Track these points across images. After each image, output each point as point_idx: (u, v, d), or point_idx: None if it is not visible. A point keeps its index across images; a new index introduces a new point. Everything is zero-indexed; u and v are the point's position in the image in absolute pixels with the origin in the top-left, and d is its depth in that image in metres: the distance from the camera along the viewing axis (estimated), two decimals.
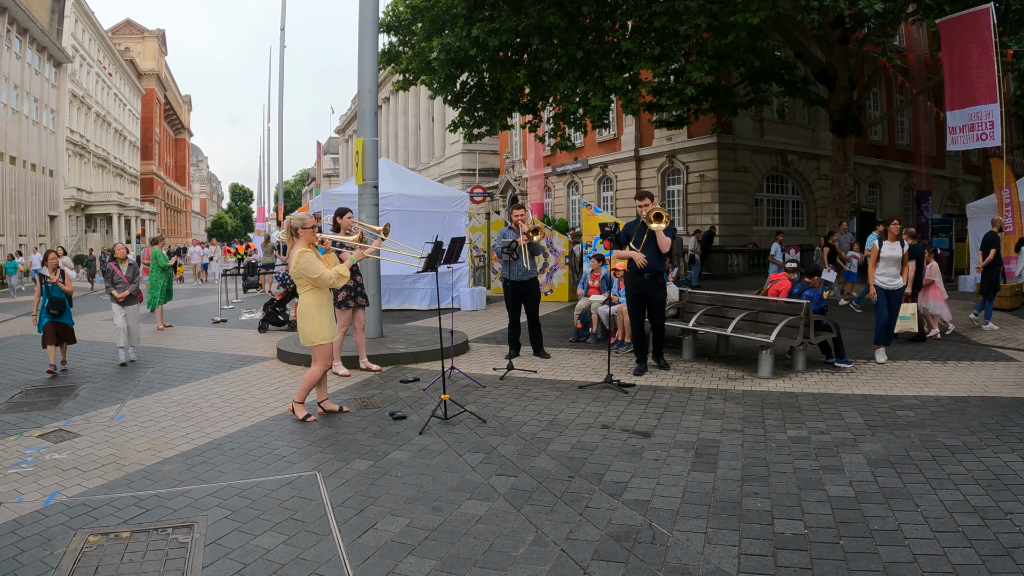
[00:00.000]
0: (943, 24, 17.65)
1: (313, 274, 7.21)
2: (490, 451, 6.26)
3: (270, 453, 6.29)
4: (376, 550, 4.33)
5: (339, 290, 9.62)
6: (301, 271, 7.23)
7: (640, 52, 18.03)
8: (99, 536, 4.57)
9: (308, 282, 7.31)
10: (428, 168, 54.70)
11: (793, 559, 4.15)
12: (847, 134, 21.54)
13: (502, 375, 9.59)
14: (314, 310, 7.37)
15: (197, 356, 11.67)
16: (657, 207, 9.23)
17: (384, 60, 22.28)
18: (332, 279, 7.32)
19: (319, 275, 7.22)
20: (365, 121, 11.80)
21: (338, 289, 9.63)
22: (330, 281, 7.32)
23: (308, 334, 7.39)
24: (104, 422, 7.43)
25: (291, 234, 7.42)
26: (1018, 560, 4.07)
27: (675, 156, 30.67)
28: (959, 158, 37.19)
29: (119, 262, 11.41)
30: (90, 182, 63.14)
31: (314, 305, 7.37)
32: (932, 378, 9.21)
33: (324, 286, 7.37)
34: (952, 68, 17.67)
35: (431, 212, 16.99)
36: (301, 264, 7.21)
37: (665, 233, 9.27)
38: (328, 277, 7.28)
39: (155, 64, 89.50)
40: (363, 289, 9.88)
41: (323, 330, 7.38)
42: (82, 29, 61.54)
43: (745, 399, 8.16)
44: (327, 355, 7.53)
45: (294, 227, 7.38)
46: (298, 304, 7.53)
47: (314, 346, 7.43)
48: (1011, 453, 6.01)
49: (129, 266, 11.46)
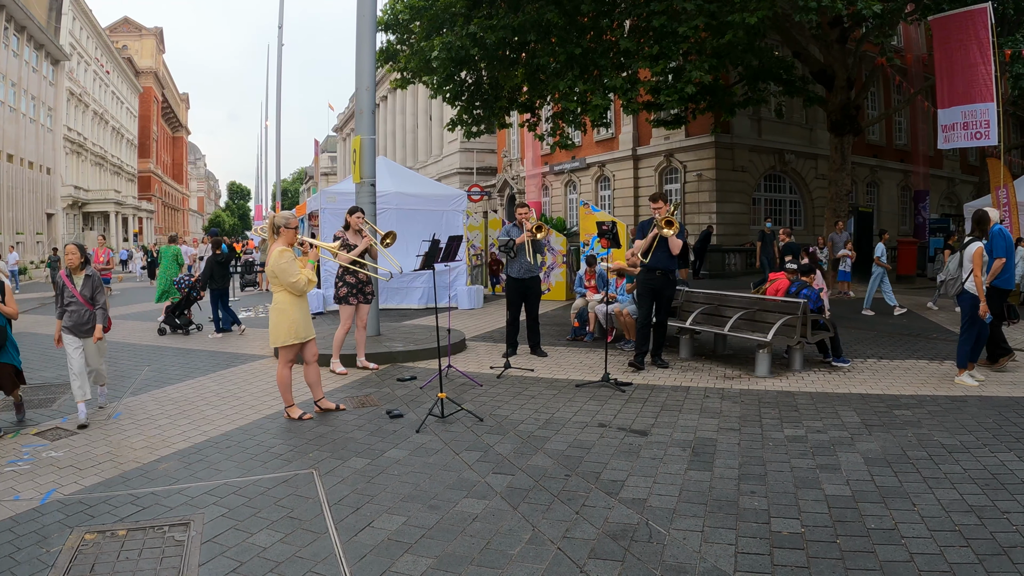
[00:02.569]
0: (935, 22, 17.63)
1: (291, 277, 7.19)
2: (487, 449, 6.26)
3: (267, 451, 6.28)
4: (372, 548, 4.32)
5: (340, 286, 9.62)
6: (278, 272, 7.22)
7: (638, 51, 18.01)
8: (95, 534, 4.56)
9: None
10: (426, 166, 54.71)
11: (790, 558, 4.15)
12: (845, 134, 21.54)
13: (499, 373, 9.58)
14: (290, 308, 7.34)
15: (194, 354, 11.65)
16: (668, 214, 9.36)
17: (382, 58, 22.26)
18: (305, 285, 7.33)
19: (296, 279, 7.21)
20: (363, 119, 11.78)
21: (338, 284, 9.65)
22: (302, 287, 7.31)
23: (282, 331, 7.32)
24: (100, 420, 7.42)
25: (272, 232, 7.43)
26: (1015, 559, 4.07)
27: (673, 155, 30.69)
28: (957, 158, 37.22)
29: (72, 273, 7.62)
30: (87, 180, 63.05)
31: (289, 304, 7.34)
32: (929, 377, 9.22)
33: (294, 292, 7.34)
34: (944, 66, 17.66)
35: (429, 210, 16.98)
36: (280, 264, 7.19)
37: (677, 236, 9.46)
38: (302, 283, 7.28)
39: (153, 62, 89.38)
40: (365, 286, 9.85)
41: (295, 329, 7.35)
42: (80, 27, 61.44)
43: (742, 398, 8.17)
44: (292, 356, 7.51)
45: (276, 225, 7.40)
46: (273, 303, 7.48)
47: (281, 347, 7.43)
48: (1008, 452, 6.02)
49: (87, 279, 7.59)
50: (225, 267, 14.19)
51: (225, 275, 14.12)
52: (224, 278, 14.06)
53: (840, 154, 21.71)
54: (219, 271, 13.99)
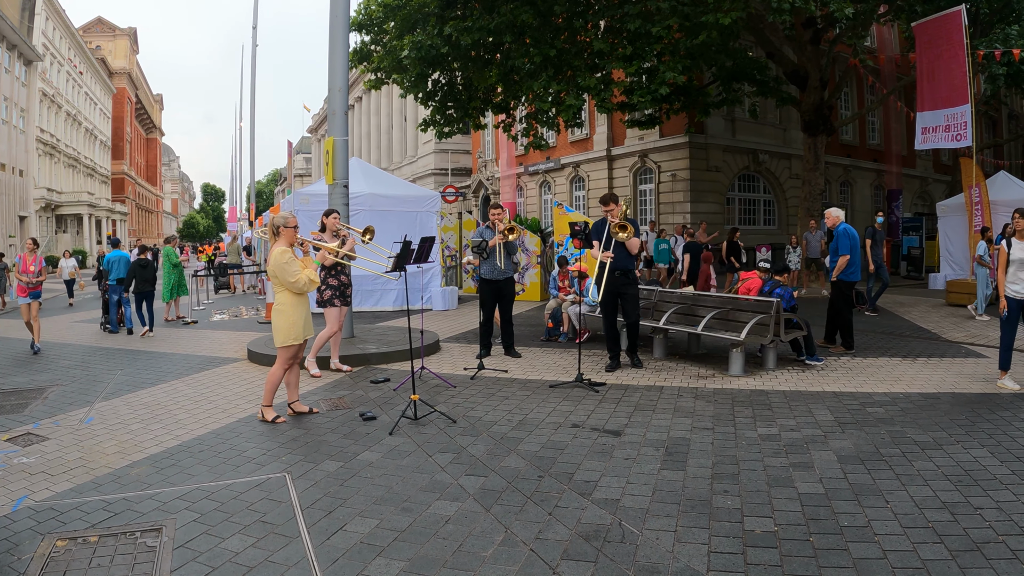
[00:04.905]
0: (918, 27, 17.90)
1: (291, 277, 7.16)
2: (460, 451, 6.23)
3: (239, 455, 6.21)
4: (345, 552, 4.28)
5: (324, 289, 9.58)
6: (278, 272, 7.18)
7: (612, 52, 18.06)
8: (67, 540, 4.48)
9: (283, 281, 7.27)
10: (400, 168, 54.51)
11: (763, 556, 4.15)
12: (818, 134, 21.70)
13: (473, 375, 9.55)
14: (290, 308, 7.32)
15: (167, 358, 11.54)
16: (620, 218, 9.33)
17: (355, 59, 22.15)
18: (305, 284, 7.29)
19: (295, 279, 7.18)
20: (335, 120, 11.71)
21: (321, 288, 9.60)
22: (302, 287, 7.27)
23: (281, 331, 7.31)
24: (73, 425, 7.32)
25: (272, 232, 7.39)
26: (988, 555, 4.09)
27: (647, 155, 30.72)
28: (929, 157, 37.55)
29: None
30: (60, 182, 62.28)
31: (291, 304, 7.33)
32: (902, 375, 9.28)
33: (295, 291, 7.31)
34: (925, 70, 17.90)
35: (402, 211, 16.93)
36: (280, 264, 7.16)
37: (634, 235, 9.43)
38: (303, 283, 7.25)
39: (126, 63, 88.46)
40: (346, 288, 9.80)
41: (297, 329, 7.33)
42: (53, 27, 60.72)
43: (716, 397, 8.18)
44: (291, 356, 7.47)
45: (276, 225, 7.35)
46: (274, 303, 7.45)
47: (281, 346, 7.37)
48: (980, 449, 6.06)
49: None
50: (147, 271, 14.91)
51: (147, 279, 14.85)
52: (146, 282, 14.80)
53: (813, 154, 21.87)
54: (140, 275, 14.72)
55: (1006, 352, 8.47)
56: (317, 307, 9.66)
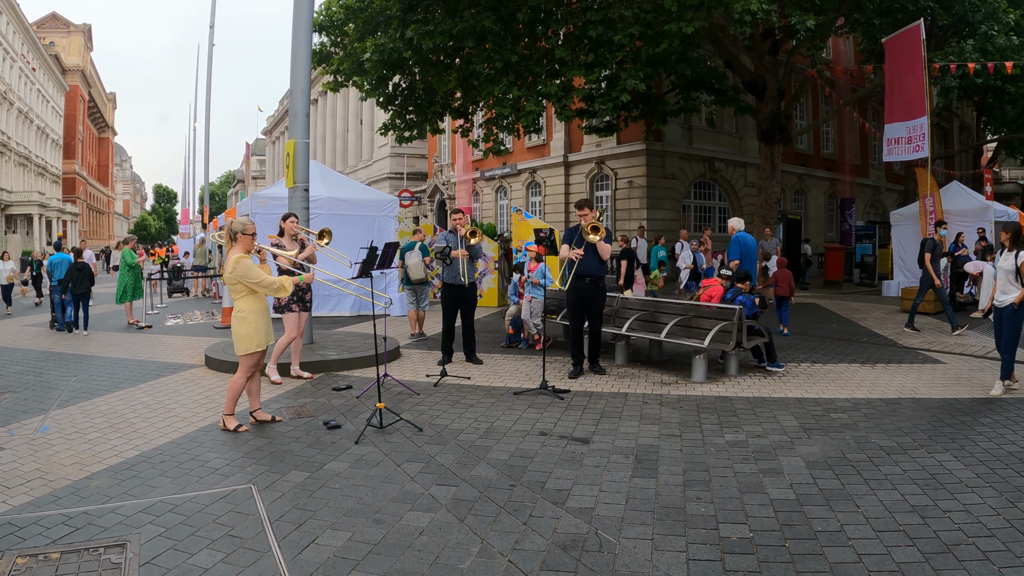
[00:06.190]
0: (888, 43, 18.48)
1: (252, 279, 6.95)
2: (429, 460, 6.15)
3: (203, 466, 6.06)
4: (318, 566, 4.16)
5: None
6: (239, 277, 6.97)
7: (573, 59, 18.12)
8: (27, 558, 4.29)
9: (244, 288, 7.07)
10: (356, 171, 54.23)
11: (741, 563, 4.15)
12: (775, 143, 21.98)
13: (436, 382, 9.47)
14: (252, 315, 7.10)
15: (122, 363, 11.27)
16: (594, 220, 9.34)
17: (315, 61, 21.96)
18: (273, 286, 7.07)
19: (259, 280, 6.97)
20: (297, 122, 11.53)
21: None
22: (271, 288, 7.08)
23: (243, 338, 7.10)
24: (28, 434, 7.08)
25: (229, 238, 7.19)
26: (960, 556, 4.15)
27: (604, 162, 30.87)
28: (882, 167, 38.22)
29: None
30: (10, 181, 60.85)
31: (252, 311, 7.10)
32: (862, 381, 9.40)
33: (262, 292, 7.15)
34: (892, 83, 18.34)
35: (360, 216, 16.77)
36: (239, 270, 6.95)
37: (604, 241, 9.41)
38: (270, 283, 7.02)
39: (80, 60, 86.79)
40: (305, 293, 9.64)
41: (259, 336, 7.15)
42: (6, 21, 59.43)
43: (681, 404, 8.20)
44: (254, 364, 7.33)
45: (234, 231, 7.11)
46: (234, 310, 7.26)
47: (244, 354, 7.22)
48: (944, 453, 6.15)
49: None
50: (83, 273, 15.55)
51: (83, 280, 15.46)
52: (82, 283, 15.39)
53: (770, 162, 22.14)
54: (77, 276, 15.34)
55: (1012, 358, 8.54)
56: (275, 312, 9.48)
